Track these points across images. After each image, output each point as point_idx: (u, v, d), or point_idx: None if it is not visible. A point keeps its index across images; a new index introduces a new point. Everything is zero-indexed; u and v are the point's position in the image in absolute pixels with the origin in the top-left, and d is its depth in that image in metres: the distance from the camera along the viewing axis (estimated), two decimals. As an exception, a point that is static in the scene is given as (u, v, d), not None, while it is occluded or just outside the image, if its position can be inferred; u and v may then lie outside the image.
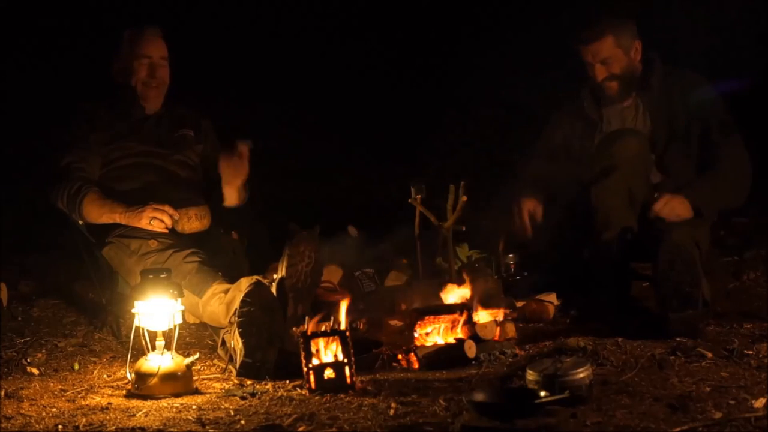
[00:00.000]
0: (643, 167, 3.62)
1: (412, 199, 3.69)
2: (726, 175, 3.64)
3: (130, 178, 3.70)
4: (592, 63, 3.74)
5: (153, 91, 3.80)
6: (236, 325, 3.08)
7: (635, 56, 3.76)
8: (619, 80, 3.75)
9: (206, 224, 3.67)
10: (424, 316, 3.25)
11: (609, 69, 3.73)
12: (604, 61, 3.72)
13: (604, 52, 3.71)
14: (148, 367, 2.94)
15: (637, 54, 3.76)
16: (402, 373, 3.07)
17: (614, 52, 3.72)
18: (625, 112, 3.82)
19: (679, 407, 2.46)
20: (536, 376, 2.58)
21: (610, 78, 3.74)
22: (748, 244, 4.39)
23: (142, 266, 3.33)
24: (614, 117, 3.83)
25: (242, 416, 2.65)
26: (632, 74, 3.77)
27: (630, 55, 3.74)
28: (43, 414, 2.72)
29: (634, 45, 3.75)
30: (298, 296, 3.22)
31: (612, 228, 3.55)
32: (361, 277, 4.03)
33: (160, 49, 3.80)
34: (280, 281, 3.21)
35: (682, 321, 3.17)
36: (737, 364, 2.87)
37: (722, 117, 3.71)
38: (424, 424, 2.46)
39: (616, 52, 3.72)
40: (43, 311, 3.98)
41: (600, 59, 3.72)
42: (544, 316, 3.62)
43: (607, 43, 3.70)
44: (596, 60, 3.73)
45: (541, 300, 3.65)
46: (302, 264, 3.23)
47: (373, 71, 6.05)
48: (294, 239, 3.21)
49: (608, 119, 3.85)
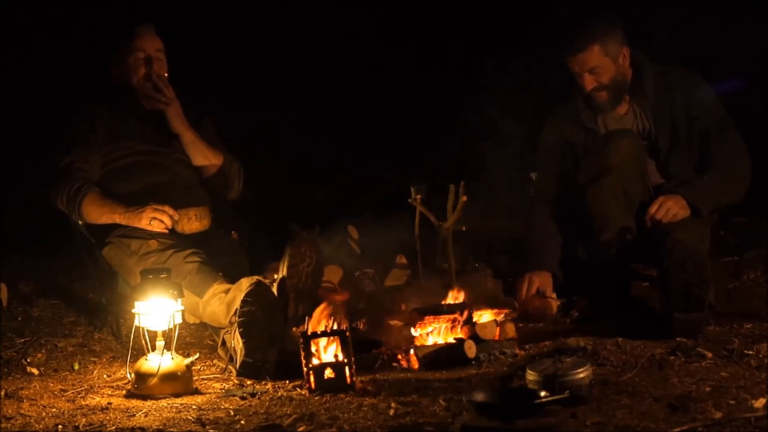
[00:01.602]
0: (638, 168, 3.62)
1: (412, 199, 3.69)
2: (723, 170, 3.63)
3: (130, 178, 3.70)
4: (580, 73, 3.69)
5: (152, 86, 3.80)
6: (237, 325, 3.07)
7: (624, 63, 3.70)
8: (608, 90, 3.70)
9: (206, 225, 3.67)
10: (424, 316, 3.25)
11: (598, 78, 3.68)
12: (592, 70, 3.67)
13: (591, 62, 3.65)
14: (148, 367, 2.94)
15: (625, 61, 3.70)
16: (402, 373, 3.07)
17: (602, 61, 3.66)
18: (624, 119, 3.78)
19: (679, 407, 2.46)
20: (536, 376, 2.58)
21: (599, 88, 3.69)
22: (748, 244, 4.38)
23: (142, 266, 3.33)
24: (613, 125, 3.78)
25: (242, 416, 2.65)
26: (622, 82, 3.71)
27: (618, 63, 3.68)
28: (43, 414, 2.72)
29: (621, 52, 3.69)
30: (299, 296, 3.22)
31: (610, 229, 3.55)
32: (361, 277, 4.03)
33: (154, 42, 3.80)
34: (281, 281, 3.21)
35: (687, 322, 3.17)
36: (737, 364, 2.87)
37: (720, 114, 3.70)
38: (424, 424, 2.46)
39: (604, 61, 3.66)
40: (43, 311, 3.97)
41: (588, 69, 3.67)
42: (547, 312, 3.61)
43: (594, 52, 3.64)
44: (584, 70, 3.68)
45: (544, 296, 3.64)
46: (303, 264, 3.23)
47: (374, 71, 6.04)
48: (295, 240, 3.21)
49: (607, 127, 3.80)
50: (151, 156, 3.76)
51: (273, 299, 3.14)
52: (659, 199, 3.53)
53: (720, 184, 3.62)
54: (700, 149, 3.70)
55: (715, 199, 3.62)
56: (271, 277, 3.30)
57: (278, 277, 3.23)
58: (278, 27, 6.06)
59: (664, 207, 3.50)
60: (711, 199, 3.60)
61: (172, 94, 3.75)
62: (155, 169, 3.74)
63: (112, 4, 5.20)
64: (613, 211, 3.55)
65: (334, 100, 5.90)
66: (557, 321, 3.64)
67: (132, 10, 4.91)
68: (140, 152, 3.75)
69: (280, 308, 3.15)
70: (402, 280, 4.10)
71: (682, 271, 3.21)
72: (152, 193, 3.61)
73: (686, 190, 3.57)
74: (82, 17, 5.43)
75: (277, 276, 3.24)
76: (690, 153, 3.71)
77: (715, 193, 3.61)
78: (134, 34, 3.78)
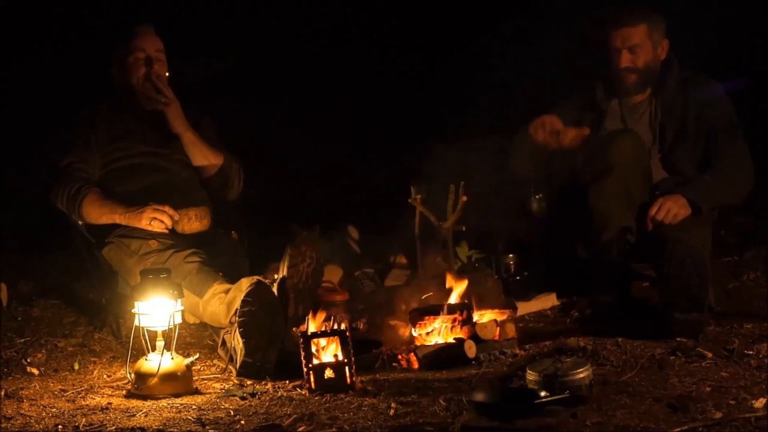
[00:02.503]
0: (640, 168, 3.62)
1: (412, 199, 3.69)
2: (725, 171, 3.64)
3: (130, 179, 3.69)
4: (619, 48, 3.73)
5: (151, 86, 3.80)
6: (237, 325, 3.07)
7: (660, 54, 3.77)
8: (639, 74, 3.75)
9: (206, 225, 3.67)
10: (424, 316, 3.25)
11: (634, 59, 3.73)
12: (632, 48, 3.72)
13: (634, 38, 3.71)
14: (148, 367, 2.94)
15: (662, 52, 3.77)
16: (402, 373, 3.07)
17: (644, 42, 3.72)
18: (638, 106, 3.83)
19: (679, 407, 2.46)
20: (536, 376, 2.58)
21: (631, 69, 3.74)
22: (748, 244, 4.39)
23: (142, 266, 3.33)
24: (625, 109, 3.84)
25: (242, 416, 2.66)
26: (653, 71, 3.77)
27: (656, 52, 3.75)
28: (43, 414, 2.73)
29: (662, 43, 3.76)
30: (300, 296, 3.22)
31: (611, 229, 3.55)
32: (361, 277, 4.03)
33: (155, 43, 3.80)
34: (281, 281, 3.20)
35: (687, 322, 3.17)
36: (737, 364, 2.88)
37: (730, 120, 3.72)
38: (424, 424, 2.47)
39: (646, 43, 3.72)
40: (43, 311, 3.97)
41: (629, 45, 3.72)
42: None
43: (640, 30, 3.71)
44: (625, 45, 3.72)
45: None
46: (303, 264, 3.23)
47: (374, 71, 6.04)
48: (295, 240, 3.21)
49: (617, 111, 3.85)
50: (151, 156, 3.76)
51: (273, 299, 3.14)
52: (659, 200, 3.54)
53: (720, 183, 3.62)
54: (705, 149, 3.72)
55: (715, 197, 3.62)
56: (272, 277, 3.30)
57: (278, 277, 3.23)
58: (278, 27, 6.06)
59: (664, 208, 3.51)
60: (711, 198, 3.60)
61: (171, 94, 3.75)
62: (155, 169, 3.74)
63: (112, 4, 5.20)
64: (614, 210, 3.55)
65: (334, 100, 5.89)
66: (557, 321, 3.65)
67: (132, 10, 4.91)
68: (140, 153, 3.75)
69: (281, 308, 3.15)
70: (402, 280, 4.10)
71: (682, 271, 3.21)
72: (152, 193, 3.61)
73: (686, 189, 3.58)
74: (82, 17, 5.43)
75: (278, 276, 3.24)
76: (695, 151, 3.74)
77: (716, 192, 3.61)
78: (134, 34, 3.78)
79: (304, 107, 5.93)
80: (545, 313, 3.76)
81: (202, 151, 3.81)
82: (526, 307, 3.75)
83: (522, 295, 3.77)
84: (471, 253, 4.16)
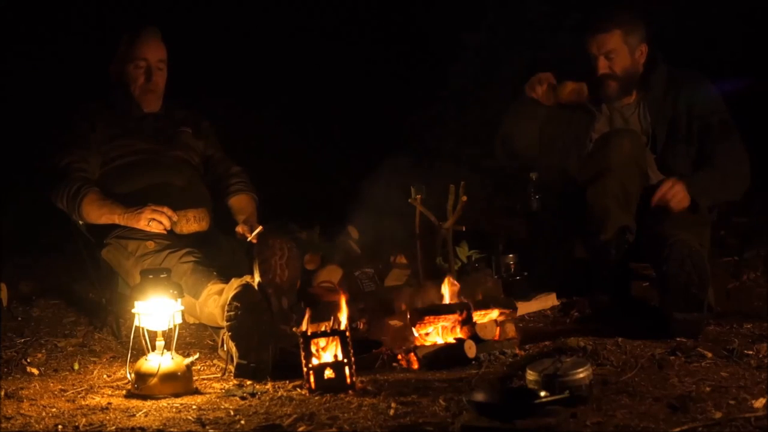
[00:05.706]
0: (638, 167, 3.62)
1: (412, 199, 3.69)
2: (722, 168, 3.63)
3: (129, 178, 3.69)
4: (596, 55, 3.73)
5: (150, 95, 3.79)
6: (226, 329, 3.08)
7: (639, 58, 3.75)
8: (617, 80, 3.74)
9: (205, 226, 3.66)
10: (424, 316, 3.25)
11: (611, 65, 3.71)
12: (608, 54, 3.71)
13: (609, 44, 3.70)
14: (148, 367, 2.94)
15: (641, 57, 3.75)
16: (402, 373, 3.07)
17: (620, 48, 3.70)
18: (625, 109, 3.82)
19: (679, 407, 2.46)
20: (536, 376, 2.58)
21: (610, 76, 3.73)
22: (748, 244, 4.38)
23: (139, 268, 3.32)
24: (614, 112, 3.83)
25: (242, 416, 2.65)
26: (633, 76, 3.76)
27: (634, 57, 3.73)
28: (43, 414, 2.72)
29: (640, 47, 3.74)
30: (279, 290, 3.22)
31: (609, 229, 3.54)
32: (361, 277, 4.02)
33: (158, 52, 3.78)
34: (258, 286, 3.20)
35: (687, 322, 3.17)
36: (737, 364, 2.88)
37: (723, 116, 3.71)
38: (424, 424, 2.46)
39: (622, 48, 3.70)
40: (43, 311, 3.97)
41: (604, 51, 3.71)
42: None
43: (615, 36, 3.69)
44: (601, 51, 3.71)
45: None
46: (275, 258, 3.23)
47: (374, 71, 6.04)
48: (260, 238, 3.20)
49: (606, 114, 3.84)
50: (151, 155, 3.76)
51: (259, 300, 3.13)
52: (670, 180, 3.52)
53: (717, 179, 3.61)
54: (699, 148, 3.71)
55: (712, 194, 3.61)
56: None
57: (255, 282, 3.22)
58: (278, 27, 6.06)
59: (674, 189, 3.49)
60: (708, 194, 3.58)
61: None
62: (154, 168, 3.73)
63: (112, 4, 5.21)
64: (613, 210, 3.55)
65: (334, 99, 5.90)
66: (557, 321, 3.65)
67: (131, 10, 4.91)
68: (139, 151, 3.75)
69: (266, 308, 3.15)
70: (402, 280, 4.10)
71: (682, 271, 3.21)
72: (151, 193, 3.60)
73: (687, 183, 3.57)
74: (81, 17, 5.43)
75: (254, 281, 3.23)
76: (689, 149, 3.73)
77: (713, 189, 3.60)
78: (139, 39, 3.75)
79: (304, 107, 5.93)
80: (545, 313, 3.76)
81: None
82: (526, 307, 3.75)
83: (522, 295, 3.77)
84: (471, 253, 4.16)
